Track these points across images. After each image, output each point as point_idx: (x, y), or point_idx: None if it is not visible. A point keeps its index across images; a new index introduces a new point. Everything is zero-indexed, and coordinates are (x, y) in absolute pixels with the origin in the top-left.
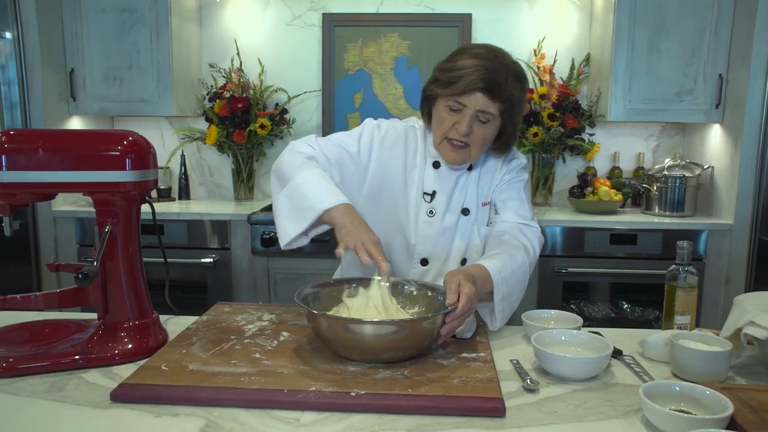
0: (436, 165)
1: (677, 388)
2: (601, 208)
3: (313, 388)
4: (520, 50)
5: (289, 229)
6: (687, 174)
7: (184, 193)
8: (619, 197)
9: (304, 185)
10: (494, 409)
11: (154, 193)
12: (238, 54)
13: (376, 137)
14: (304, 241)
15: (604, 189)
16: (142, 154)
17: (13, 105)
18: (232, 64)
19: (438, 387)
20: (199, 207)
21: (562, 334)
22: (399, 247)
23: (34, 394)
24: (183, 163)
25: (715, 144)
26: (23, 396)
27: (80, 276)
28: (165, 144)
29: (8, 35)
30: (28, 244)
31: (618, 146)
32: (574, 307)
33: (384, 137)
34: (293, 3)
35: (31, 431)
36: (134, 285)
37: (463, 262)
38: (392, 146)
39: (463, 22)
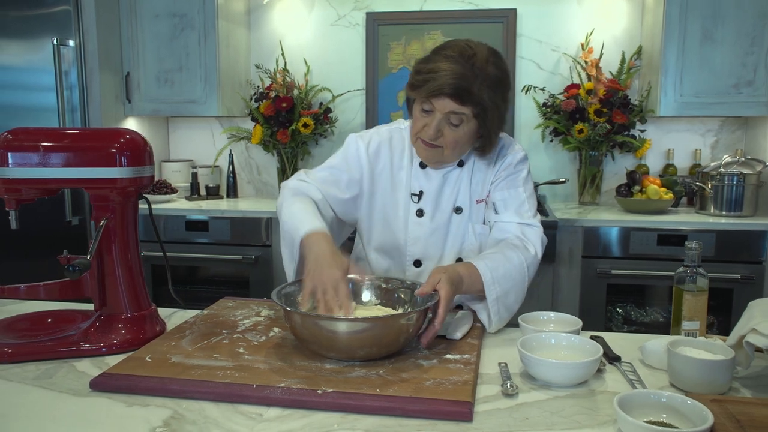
0: (423, 165)
1: (656, 398)
2: (650, 208)
3: (282, 385)
4: (567, 45)
5: (287, 264)
6: (746, 171)
7: (232, 191)
8: (669, 196)
9: (287, 221)
10: (460, 413)
11: (202, 191)
12: (282, 55)
13: (361, 148)
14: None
15: (653, 188)
16: (137, 151)
17: (73, 108)
18: (277, 65)
19: (408, 388)
20: (245, 205)
21: (552, 338)
22: (392, 250)
23: (24, 381)
24: (231, 162)
25: None
26: (14, 382)
27: (71, 268)
28: (215, 143)
29: (71, 43)
30: (86, 238)
31: (673, 143)
32: (620, 310)
33: (368, 145)
34: (338, 3)
35: (6, 415)
36: (130, 278)
37: (459, 261)
38: (377, 152)
39: (507, 17)
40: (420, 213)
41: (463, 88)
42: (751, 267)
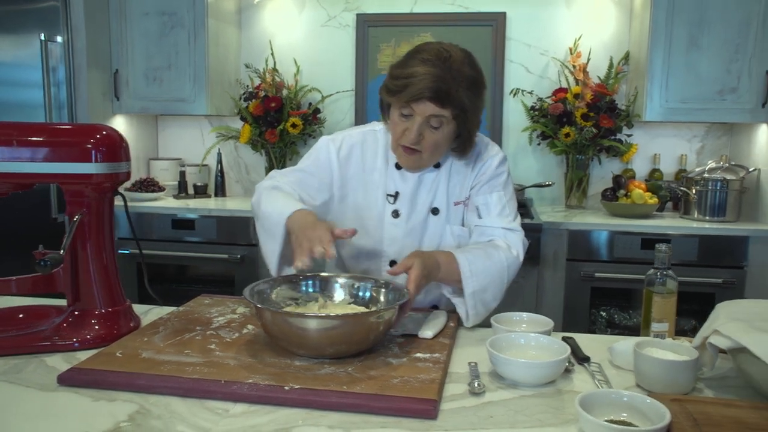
0: (399, 166)
1: (617, 397)
2: (635, 212)
3: (250, 381)
4: (556, 49)
5: (270, 252)
6: (729, 177)
7: (220, 190)
8: (654, 201)
9: (268, 209)
10: (424, 410)
11: (190, 189)
12: (272, 54)
13: (332, 150)
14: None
15: (638, 192)
16: (113, 147)
17: (61, 105)
18: (267, 65)
19: (374, 385)
20: (232, 204)
21: (521, 338)
22: (367, 251)
23: None
24: (219, 161)
25: (763, 145)
26: None
27: (41, 263)
28: (204, 142)
29: (59, 39)
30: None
31: (659, 148)
32: (603, 314)
33: (339, 148)
34: (328, 4)
35: None
36: (104, 273)
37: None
38: (348, 154)
39: (496, 20)
40: (396, 214)
41: (443, 90)
42: (733, 272)
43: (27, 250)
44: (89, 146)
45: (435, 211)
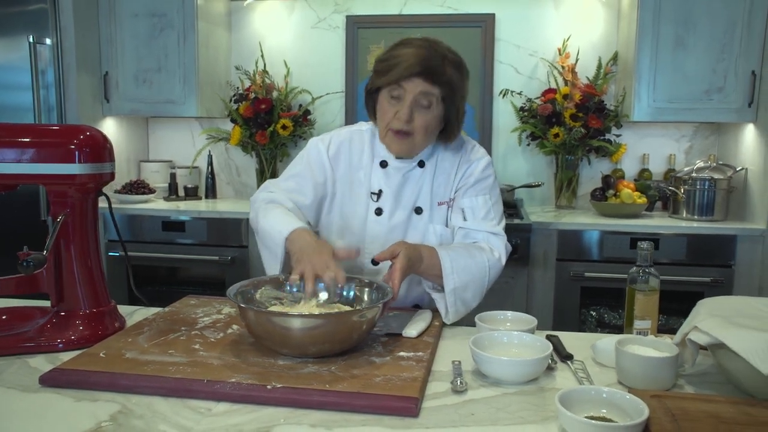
0: (383, 164)
1: (596, 394)
2: (624, 212)
3: (233, 380)
4: (544, 50)
5: (270, 269)
6: (717, 176)
7: (211, 192)
8: (643, 200)
9: (267, 227)
10: (405, 408)
11: (181, 191)
12: (262, 56)
13: (322, 150)
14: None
15: (627, 191)
16: (97, 147)
17: (50, 108)
18: (257, 67)
19: (357, 384)
20: (223, 206)
21: (504, 336)
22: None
23: None
24: (210, 163)
25: (749, 144)
26: None
27: (24, 263)
28: (195, 144)
29: (48, 41)
30: None
31: (648, 148)
32: (593, 313)
33: (328, 147)
34: (318, 6)
35: None
36: (89, 274)
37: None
38: (337, 153)
39: (485, 22)
40: (379, 211)
41: (432, 67)
42: (721, 270)
43: (15, 252)
44: (72, 147)
45: (418, 210)
